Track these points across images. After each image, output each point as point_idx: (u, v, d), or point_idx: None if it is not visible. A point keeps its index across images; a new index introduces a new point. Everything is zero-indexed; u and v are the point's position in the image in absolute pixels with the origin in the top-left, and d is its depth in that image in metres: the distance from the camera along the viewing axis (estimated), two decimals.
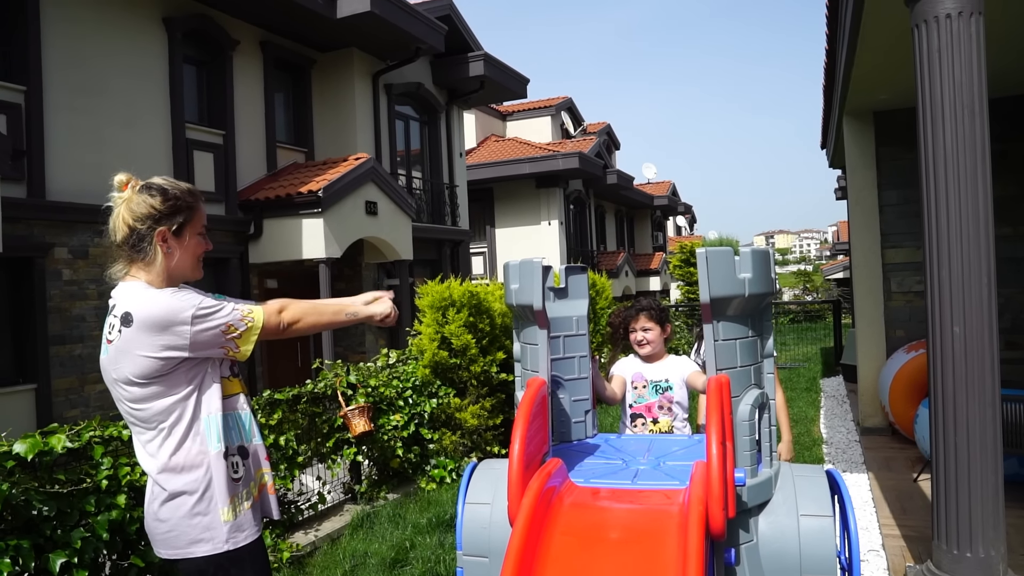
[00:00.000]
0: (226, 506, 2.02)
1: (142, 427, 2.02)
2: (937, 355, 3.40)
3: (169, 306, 1.95)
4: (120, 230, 2.03)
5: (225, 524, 2.02)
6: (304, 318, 2.15)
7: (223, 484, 2.02)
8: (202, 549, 2.01)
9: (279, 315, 2.10)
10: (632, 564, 1.81)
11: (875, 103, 6.93)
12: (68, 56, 8.54)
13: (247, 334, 2.04)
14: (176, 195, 2.07)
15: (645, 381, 3.49)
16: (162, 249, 2.03)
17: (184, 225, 2.08)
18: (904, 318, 7.22)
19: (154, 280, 2.04)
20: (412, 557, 4.55)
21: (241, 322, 2.02)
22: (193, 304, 1.97)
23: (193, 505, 2.00)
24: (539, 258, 2.45)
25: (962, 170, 3.32)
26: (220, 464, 2.03)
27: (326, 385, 5.71)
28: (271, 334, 2.09)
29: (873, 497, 5.33)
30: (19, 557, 3.04)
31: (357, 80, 12.47)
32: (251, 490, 2.12)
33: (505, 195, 21.17)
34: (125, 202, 2.03)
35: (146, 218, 2.02)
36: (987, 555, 3.28)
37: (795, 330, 21.90)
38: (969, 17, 3.31)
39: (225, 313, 2.00)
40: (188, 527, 2.00)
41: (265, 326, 2.06)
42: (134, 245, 2.02)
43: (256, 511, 2.13)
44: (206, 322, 1.97)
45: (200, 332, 1.96)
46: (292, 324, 2.12)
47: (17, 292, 8.12)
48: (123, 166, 8.74)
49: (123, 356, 1.96)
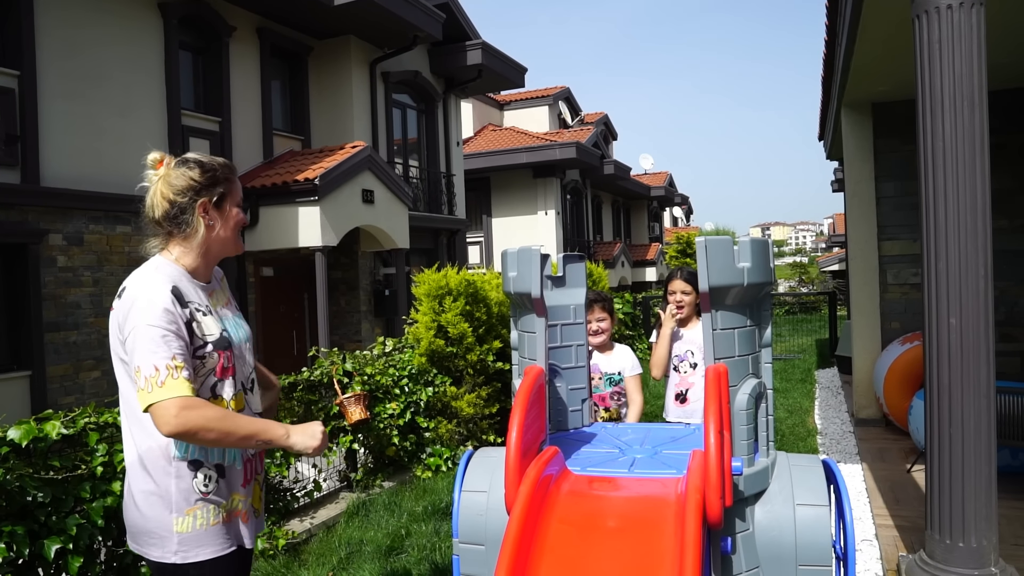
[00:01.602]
0: (181, 516, 1.91)
1: (133, 402, 1.93)
2: (933, 346, 3.40)
3: (138, 299, 1.88)
4: (159, 206, 1.99)
5: (177, 534, 1.91)
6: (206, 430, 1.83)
7: (183, 492, 1.92)
8: (153, 552, 1.93)
9: (176, 416, 1.79)
10: (629, 552, 1.81)
11: (874, 94, 6.92)
12: (62, 41, 8.48)
13: (140, 395, 1.83)
14: (214, 167, 2.05)
15: (600, 373, 3.84)
16: (204, 221, 2.01)
17: (224, 196, 2.06)
18: (899, 310, 7.23)
19: (190, 255, 2.02)
20: (408, 545, 4.56)
21: (145, 380, 1.81)
22: (146, 320, 1.85)
23: (150, 502, 1.92)
24: (537, 246, 2.44)
25: (961, 162, 3.31)
26: (184, 471, 1.92)
27: (322, 373, 5.71)
28: (159, 422, 1.82)
29: (867, 487, 5.35)
30: (14, 543, 3.03)
31: (354, 68, 12.41)
32: (221, 509, 1.98)
33: (502, 184, 21.14)
34: (162, 178, 2.00)
35: (187, 191, 1.99)
36: (979, 545, 3.30)
37: (790, 322, 21.95)
38: (970, 8, 3.30)
39: (147, 357, 1.82)
40: (144, 523, 1.93)
41: (154, 413, 1.81)
42: (175, 219, 1.99)
43: (226, 532, 1.99)
44: (133, 343, 1.85)
45: (126, 344, 1.89)
46: (185, 429, 1.81)
47: (11, 279, 8.09)
48: (118, 152, 8.70)
49: (113, 329, 1.95)
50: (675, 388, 3.91)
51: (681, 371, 3.89)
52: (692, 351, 3.85)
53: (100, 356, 8.74)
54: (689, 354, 3.87)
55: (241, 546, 2.05)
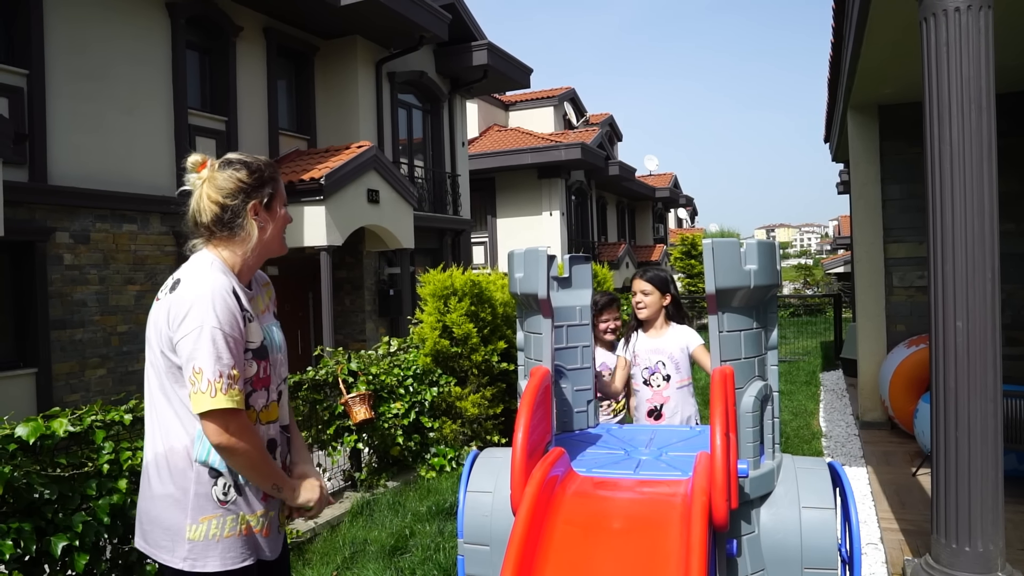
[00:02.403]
0: (195, 523, 1.85)
1: (160, 398, 1.89)
2: (939, 350, 3.40)
3: (202, 297, 1.81)
4: (208, 210, 1.92)
5: (188, 541, 1.84)
6: (247, 454, 1.84)
7: (201, 498, 1.85)
8: (162, 555, 1.88)
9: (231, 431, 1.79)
10: (634, 554, 1.81)
11: (880, 97, 6.90)
12: (70, 40, 8.51)
13: (198, 397, 1.77)
14: (260, 167, 1.98)
15: (611, 370, 3.78)
16: (257, 223, 1.95)
17: (273, 197, 2.00)
18: (905, 313, 7.22)
19: (235, 257, 1.95)
20: (412, 545, 4.56)
21: (208, 384, 1.76)
22: (212, 322, 1.79)
23: (166, 504, 1.86)
24: (544, 247, 2.45)
25: (968, 165, 3.30)
26: (204, 477, 1.86)
27: (327, 372, 5.72)
28: (212, 429, 1.79)
29: (872, 491, 5.34)
30: (21, 540, 3.05)
31: (360, 68, 12.43)
32: (240, 521, 1.90)
33: (507, 185, 21.14)
34: (207, 181, 1.93)
35: (237, 193, 1.92)
36: (985, 549, 3.29)
37: (795, 324, 21.91)
38: (978, 11, 3.29)
39: (209, 360, 1.77)
40: (156, 523, 1.89)
41: (211, 419, 1.78)
42: (227, 223, 1.92)
43: (242, 545, 1.91)
44: (194, 343, 1.78)
45: (177, 346, 1.81)
46: (232, 446, 1.81)
47: (18, 276, 8.12)
48: (125, 151, 8.73)
49: (160, 320, 1.86)
50: (647, 404, 3.54)
51: (653, 384, 3.52)
52: (663, 362, 3.51)
53: (105, 354, 8.77)
54: (661, 365, 3.52)
55: (261, 559, 1.97)
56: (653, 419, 3.50)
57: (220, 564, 1.87)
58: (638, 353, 3.58)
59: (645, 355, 3.55)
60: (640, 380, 3.57)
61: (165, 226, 9.52)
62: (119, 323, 8.91)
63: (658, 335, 3.57)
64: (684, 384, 3.55)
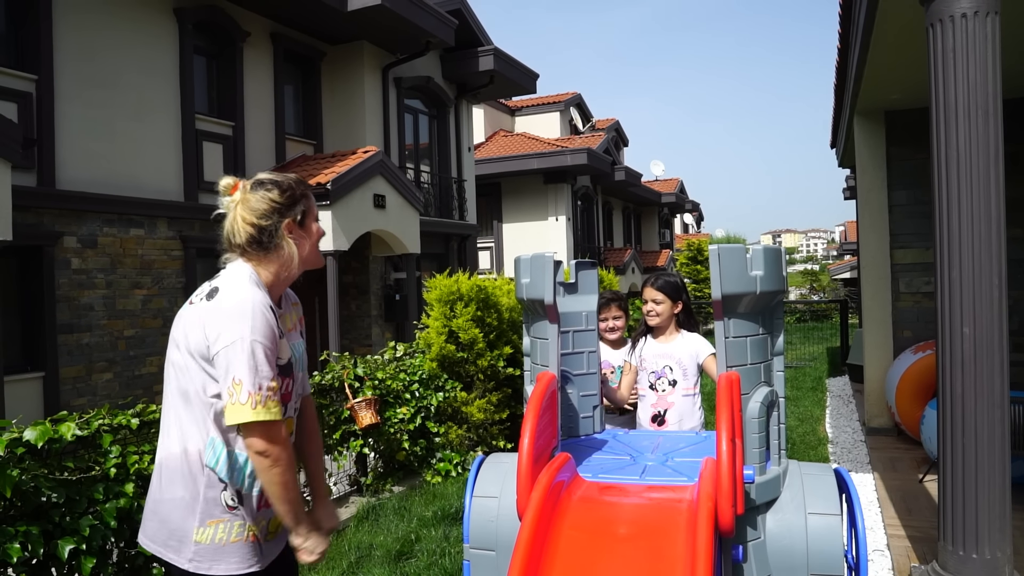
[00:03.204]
0: (203, 526, 1.87)
1: (178, 399, 1.90)
2: (946, 356, 3.39)
3: (242, 309, 1.82)
4: (243, 231, 1.95)
5: (195, 543, 1.87)
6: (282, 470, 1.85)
7: (211, 502, 1.87)
8: (168, 555, 1.89)
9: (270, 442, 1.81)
10: (641, 559, 1.81)
11: (887, 102, 6.89)
12: (79, 45, 8.56)
13: (235, 409, 1.78)
14: (291, 185, 2.02)
15: (612, 367, 3.84)
16: (293, 241, 1.98)
17: (306, 214, 2.04)
18: (912, 319, 7.20)
19: (271, 271, 1.97)
20: (417, 550, 4.56)
21: (248, 396, 1.78)
22: (253, 336, 1.80)
23: (175, 505, 1.88)
24: (550, 252, 2.45)
25: (975, 171, 3.30)
26: (215, 481, 1.88)
27: (333, 377, 5.73)
28: (254, 441, 1.82)
29: (878, 497, 5.32)
30: (28, 543, 3.06)
31: (367, 73, 12.48)
32: (247, 528, 1.92)
33: (513, 190, 21.16)
34: (240, 203, 1.97)
35: (271, 213, 1.96)
36: (993, 557, 3.27)
37: (801, 329, 21.84)
38: (985, 17, 3.29)
39: (246, 371, 1.78)
40: (165, 524, 1.89)
41: (251, 430, 1.80)
42: (263, 243, 1.95)
43: (250, 551, 1.93)
44: (234, 354, 1.79)
45: (215, 357, 1.82)
46: (275, 456, 1.83)
47: (26, 280, 8.17)
48: (133, 156, 8.79)
49: (191, 324, 1.87)
50: (651, 409, 3.48)
51: (658, 389, 3.47)
52: (671, 366, 3.46)
53: (112, 358, 8.80)
54: (667, 370, 3.47)
55: (270, 565, 2.00)
56: (656, 424, 3.44)
57: (225, 569, 1.89)
58: (645, 357, 3.54)
59: (652, 359, 3.51)
60: (646, 384, 3.52)
61: (172, 230, 9.55)
62: (126, 327, 8.94)
63: (668, 340, 3.53)
64: (690, 392, 3.46)
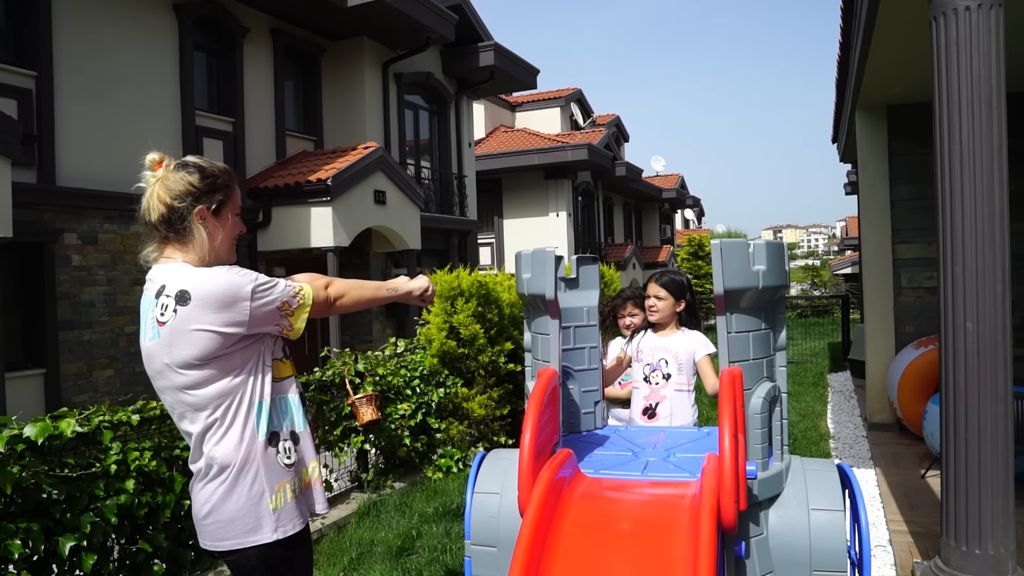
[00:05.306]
0: (274, 494, 1.95)
1: (194, 414, 1.93)
2: (949, 351, 3.37)
3: (229, 281, 1.88)
4: (156, 209, 1.95)
5: (273, 513, 1.94)
6: (349, 293, 2.14)
7: (271, 471, 1.95)
8: (250, 539, 1.93)
9: (326, 290, 2.07)
10: (643, 556, 1.80)
11: (889, 97, 6.87)
12: (79, 42, 8.54)
13: (299, 311, 1.99)
14: (214, 173, 2.00)
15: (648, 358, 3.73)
16: (203, 228, 1.96)
17: (223, 204, 2.01)
18: (914, 314, 7.18)
19: (193, 261, 1.96)
20: (419, 546, 4.56)
21: (294, 299, 1.97)
22: (251, 279, 1.91)
23: (241, 493, 1.92)
24: (551, 248, 2.44)
25: (978, 165, 3.28)
26: (269, 451, 1.97)
27: (334, 373, 5.72)
28: (319, 311, 2.05)
29: (880, 493, 5.31)
30: (29, 540, 3.06)
31: (367, 69, 12.45)
32: (303, 477, 2.05)
33: (513, 186, 21.14)
34: (160, 181, 1.96)
35: (185, 196, 1.94)
36: (996, 552, 3.26)
37: (803, 325, 21.83)
38: (988, 10, 3.27)
39: (280, 289, 1.95)
40: (236, 516, 1.93)
41: (315, 302, 2.02)
42: (172, 224, 1.95)
43: (303, 502, 2.04)
44: (264, 297, 1.91)
45: (259, 308, 1.90)
46: (338, 299, 2.10)
47: (27, 277, 8.16)
48: (133, 152, 8.74)
49: (180, 336, 1.86)
50: (643, 401, 3.45)
51: (652, 382, 3.44)
52: (666, 359, 3.46)
53: (113, 355, 8.80)
54: (663, 363, 3.46)
55: (313, 511, 2.10)
56: (647, 417, 3.41)
57: (298, 524, 2.00)
58: (643, 349, 3.53)
59: (649, 351, 3.50)
60: (640, 376, 3.50)
61: None
62: (127, 324, 8.94)
63: (666, 335, 3.52)
64: (683, 388, 3.43)
